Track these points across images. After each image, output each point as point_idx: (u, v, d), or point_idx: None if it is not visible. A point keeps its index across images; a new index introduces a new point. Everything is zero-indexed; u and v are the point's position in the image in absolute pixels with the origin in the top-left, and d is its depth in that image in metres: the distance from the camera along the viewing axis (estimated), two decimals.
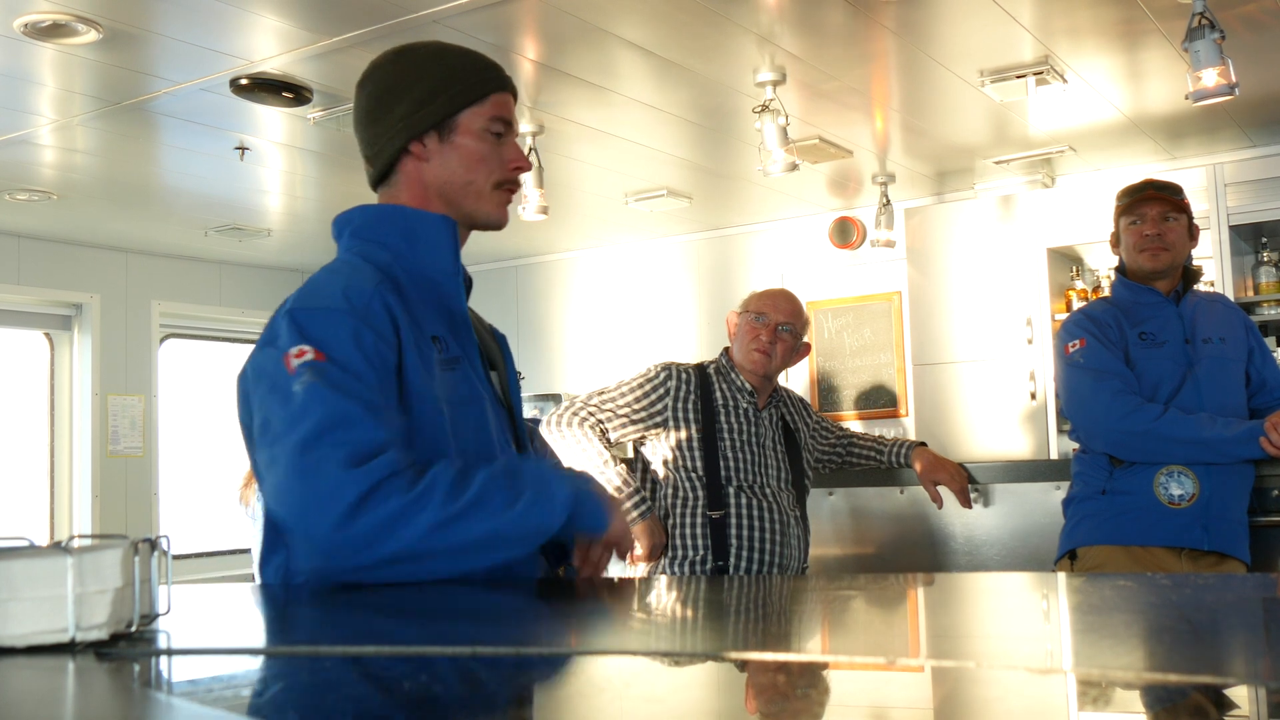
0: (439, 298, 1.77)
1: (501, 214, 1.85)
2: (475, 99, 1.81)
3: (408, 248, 1.77)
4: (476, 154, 1.81)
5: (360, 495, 1.48)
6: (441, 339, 1.73)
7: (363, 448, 1.51)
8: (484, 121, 1.81)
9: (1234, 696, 0.84)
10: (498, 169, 1.82)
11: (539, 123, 5.33)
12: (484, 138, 1.81)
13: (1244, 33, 4.48)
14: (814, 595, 1.57)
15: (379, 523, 1.48)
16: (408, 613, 1.48)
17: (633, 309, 8.33)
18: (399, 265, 1.75)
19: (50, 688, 0.94)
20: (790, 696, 0.89)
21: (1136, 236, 3.25)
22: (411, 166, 1.82)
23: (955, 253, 6.54)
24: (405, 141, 1.81)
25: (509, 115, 1.84)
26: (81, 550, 1.04)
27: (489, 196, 1.83)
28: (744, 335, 3.36)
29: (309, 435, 1.51)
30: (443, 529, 1.50)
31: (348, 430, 1.51)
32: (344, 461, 1.49)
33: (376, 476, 1.49)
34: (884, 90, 5.24)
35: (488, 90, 1.82)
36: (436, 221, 1.79)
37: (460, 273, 1.80)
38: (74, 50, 4.26)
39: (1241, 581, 1.90)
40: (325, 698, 0.94)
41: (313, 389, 1.53)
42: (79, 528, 7.64)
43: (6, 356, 7.77)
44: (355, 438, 1.51)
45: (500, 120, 1.83)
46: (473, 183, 1.81)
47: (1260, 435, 3.00)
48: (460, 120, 1.80)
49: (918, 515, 3.84)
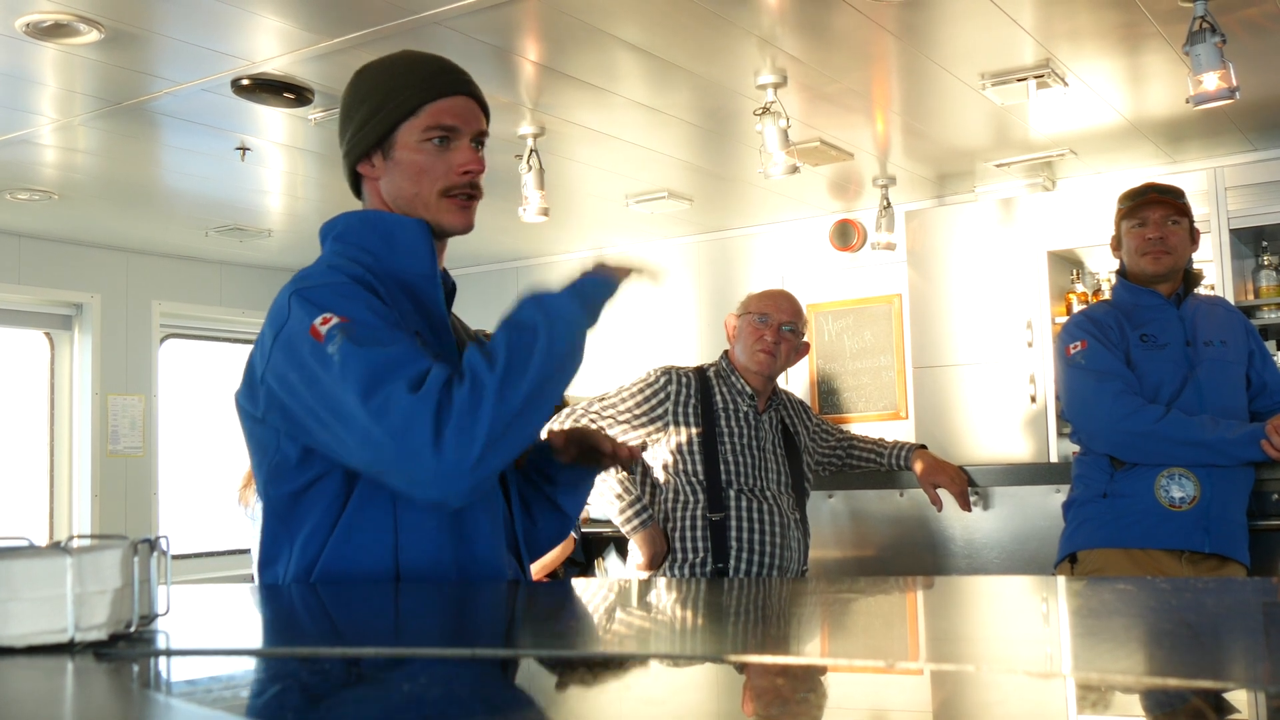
0: (418, 301, 1.79)
1: (458, 219, 1.84)
2: (409, 112, 1.81)
3: (387, 252, 1.80)
4: (415, 166, 1.81)
5: (434, 411, 1.52)
6: (423, 336, 1.74)
7: (413, 374, 1.56)
8: (419, 133, 1.81)
9: (1234, 701, 0.83)
10: (441, 177, 1.81)
11: (540, 124, 5.33)
12: (422, 149, 1.81)
13: (1245, 36, 4.48)
14: (814, 598, 1.57)
15: (458, 426, 1.52)
16: (407, 614, 1.48)
17: (634, 311, 8.32)
18: (378, 269, 1.77)
19: (49, 688, 0.94)
20: (790, 700, 0.89)
21: (1139, 240, 3.25)
22: (370, 185, 1.87)
23: (956, 255, 6.53)
24: (354, 163, 1.87)
25: (450, 121, 1.82)
26: (81, 551, 1.04)
27: (437, 205, 1.82)
28: (747, 337, 3.35)
29: (364, 385, 1.55)
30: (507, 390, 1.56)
31: (392, 369, 1.56)
32: (406, 390, 1.54)
33: (436, 390, 1.54)
34: (885, 93, 5.24)
35: (422, 100, 1.81)
36: (412, 226, 1.81)
37: (437, 275, 1.82)
38: (75, 50, 4.26)
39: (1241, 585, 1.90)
40: (324, 699, 0.94)
41: (347, 347, 1.58)
42: (78, 528, 7.64)
43: (7, 356, 7.77)
44: (403, 372, 1.56)
45: (438, 128, 1.81)
46: (418, 194, 1.82)
47: (1261, 438, 3.00)
48: (397, 136, 1.82)
49: (918, 518, 3.84)
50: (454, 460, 1.51)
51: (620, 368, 7.87)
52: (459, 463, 1.52)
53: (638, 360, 7.66)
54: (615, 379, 3.62)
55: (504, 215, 6.43)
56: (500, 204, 6.36)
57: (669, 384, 3.30)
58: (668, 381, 3.30)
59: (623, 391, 3.31)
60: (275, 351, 1.66)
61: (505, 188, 5.99)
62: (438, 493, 1.54)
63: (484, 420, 1.53)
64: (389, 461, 1.55)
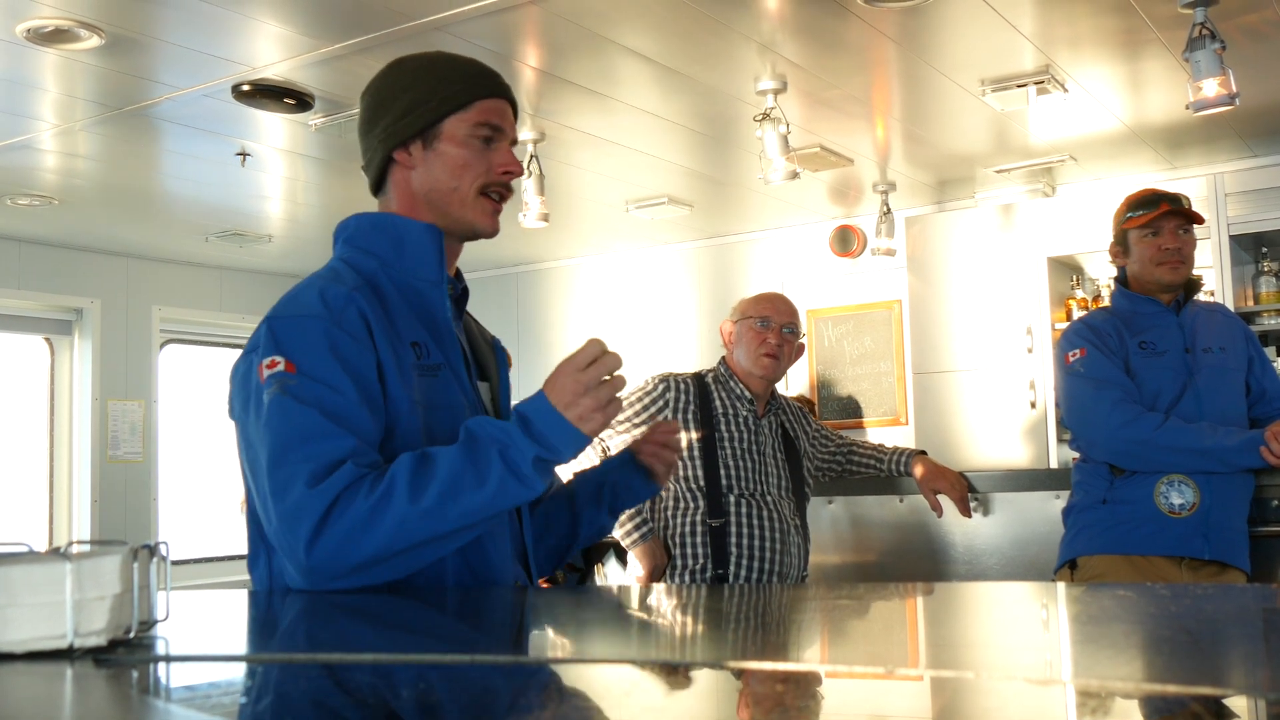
0: (423, 306, 1.77)
1: (489, 222, 1.84)
2: (460, 105, 1.80)
3: (395, 256, 1.79)
4: (460, 160, 1.80)
5: (322, 513, 1.51)
6: (423, 345, 1.73)
7: (323, 460, 1.54)
8: (468, 127, 1.80)
9: (1234, 707, 0.83)
10: (483, 173, 1.81)
11: (540, 130, 5.34)
12: (468, 144, 1.80)
13: (1245, 43, 4.49)
14: (814, 604, 1.57)
15: (344, 535, 1.51)
16: (407, 620, 1.48)
17: (633, 317, 8.32)
18: (385, 273, 1.77)
19: (49, 694, 0.94)
20: (790, 706, 0.89)
21: (1154, 250, 3.24)
22: (400, 175, 1.84)
23: (956, 261, 6.54)
24: (390, 150, 1.83)
25: (498, 121, 1.83)
26: (80, 556, 1.04)
27: (474, 203, 1.82)
28: (749, 341, 3.35)
29: (275, 452, 1.56)
30: (411, 525, 1.52)
31: (307, 445, 1.55)
32: (307, 479, 1.53)
33: (337, 489, 1.52)
34: (885, 99, 5.24)
35: (473, 96, 1.81)
36: (422, 230, 1.79)
37: (443, 282, 1.79)
38: (76, 56, 4.26)
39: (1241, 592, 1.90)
40: (323, 705, 0.94)
41: (276, 401, 1.58)
42: (78, 533, 7.63)
43: (7, 361, 7.77)
44: (316, 451, 1.54)
45: (487, 125, 1.81)
46: (457, 189, 1.81)
47: (1261, 445, 3.00)
48: (444, 127, 1.81)
49: (918, 524, 3.84)
50: (324, 564, 1.51)
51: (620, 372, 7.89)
52: (328, 568, 1.52)
53: (638, 367, 7.67)
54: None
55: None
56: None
57: (667, 391, 3.30)
58: (666, 389, 3.30)
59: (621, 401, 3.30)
60: (237, 364, 1.69)
61: None
62: (302, 581, 1.54)
63: (374, 542, 1.50)
64: (274, 537, 1.56)
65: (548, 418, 1.60)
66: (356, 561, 1.51)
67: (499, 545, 1.75)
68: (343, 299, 1.66)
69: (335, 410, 1.58)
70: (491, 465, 1.55)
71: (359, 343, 1.64)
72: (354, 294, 1.68)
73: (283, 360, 1.60)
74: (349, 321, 1.65)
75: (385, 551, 1.51)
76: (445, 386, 1.74)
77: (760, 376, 3.34)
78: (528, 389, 1.68)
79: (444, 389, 1.73)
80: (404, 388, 1.67)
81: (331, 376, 1.60)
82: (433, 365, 1.73)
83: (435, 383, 1.72)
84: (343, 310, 1.65)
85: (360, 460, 1.55)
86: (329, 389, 1.59)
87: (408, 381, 1.67)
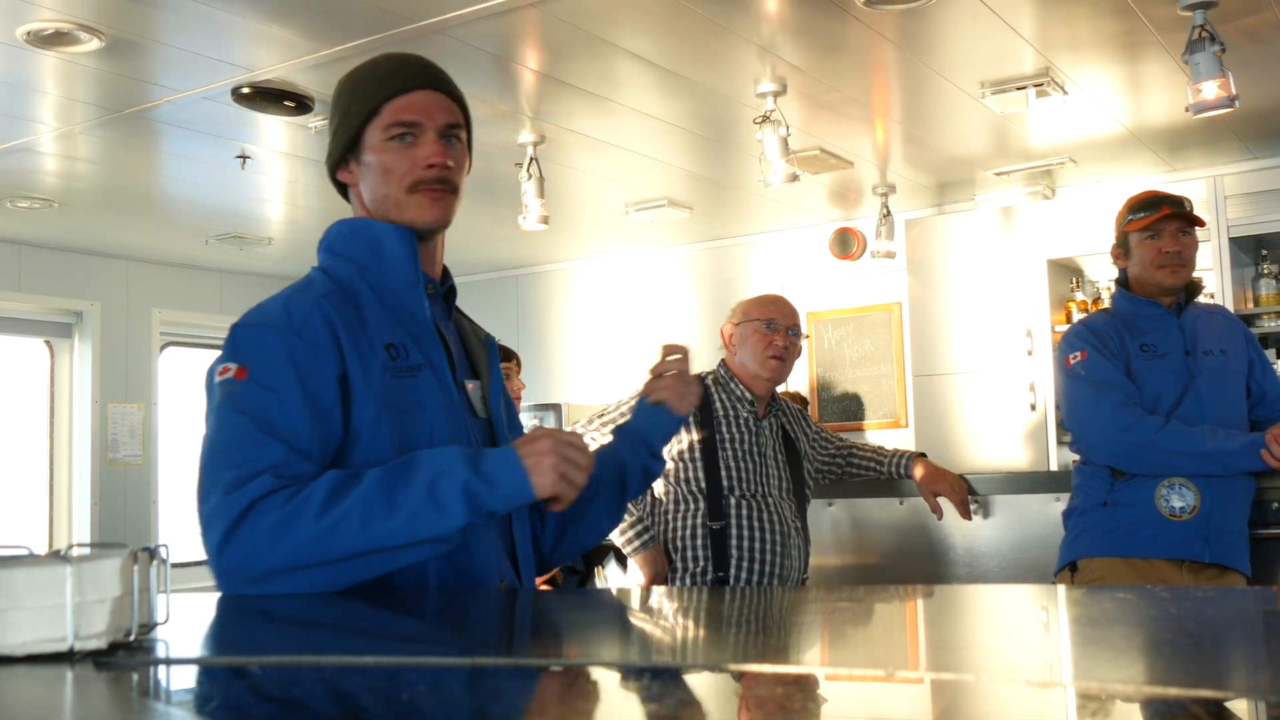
0: (402, 307, 1.78)
1: (428, 214, 1.81)
2: (372, 112, 1.81)
3: (373, 260, 1.80)
4: (382, 166, 1.81)
5: (233, 520, 1.53)
6: (399, 346, 1.73)
7: (245, 469, 1.56)
8: (382, 133, 1.80)
9: (1234, 710, 0.83)
10: (407, 173, 1.80)
11: (540, 132, 5.34)
12: (387, 148, 1.80)
13: (1244, 45, 4.49)
14: (814, 606, 1.57)
15: (252, 544, 1.53)
16: (406, 623, 1.48)
17: (633, 319, 8.33)
18: (363, 277, 1.79)
19: (49, 697, 0.94)
20: (790, 709, 0.89)
21: (1155, 253, 3.24)
22: (353, 192, 1.88)
23: (955, 264, 6.54)
24: (333, 173, 1.88)
25: (411, 116, 1.80)
26: (80, 559, 1.04)
27: (408, 202, 1.80)
28: (755, 344, 3.34)
29: (208, 457, 1.60)
30: (316, 543, 1.52)
31: (233, 454, 1.58)
32: (227, 486, 1.55)
33: (249, 499, 1.54)
34: (884, 101, 5.24)
35: (382, 100, 1.80)
36: (394, 233, 1.80)
37: (419, 282, 1.80)
38: (76, 58, 4.26)
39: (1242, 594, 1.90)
40: (324, 708, 0.94)
41: (219, 410, 1.62)
42: (78, 536, 7.63)
43: (7, 364, 7.77)
44: (241, 459, 1.57)
45: (398, 125, 1.79)
46: (388, 195, 1.81)
47: (1261, 448, 2.99)
48: (365, 138, 1.82)
49: (918, 526, 3.84)
50: (232, 569, 1.54)
51: (620, 374, 7.90)
52: (237, 573, 1.54)
53: (637, 368, 7.67)
54: (614, 385, 3.62)
55: (504, 223, 6.44)
56: (500, 212, 6.37)
57: None
58: None
59: (621, 406, 3.30)
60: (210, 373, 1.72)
61: (505, 196, 5.99)
62: (220, 587, 1.57)
63: (280, 554, 1.52)
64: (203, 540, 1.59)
65: (503, 455, 1.60)
66: (263, 570, 1.53)
67: (485, 546, 1.74)
68: (306, 308, 1.69)
69: (271, 420, 1.60)
70: (410, 493, 1.54)
71: (318, 352, 1.66)
72: (320, 302, 1.70)
73: (235, 367, 1.64)
74: (310, 330, 1.67)
75: (291, 564, 1.53)
76: (425, 387, 1.74)
77: (767, 379, 3.34)
78: (528, 395, 1.67)
79: (423, 389, 1.73)
80: (370, 391, 1.67)
81: (279, 384, 1.62)
82: (412, 366, 1.73)
83: (414, 383, 1.73)
84: (305, 319, 1.68)
85: (283, 471, 1.57)
86: (273, 397, 1.61)
87: (374, 385, 1.68)
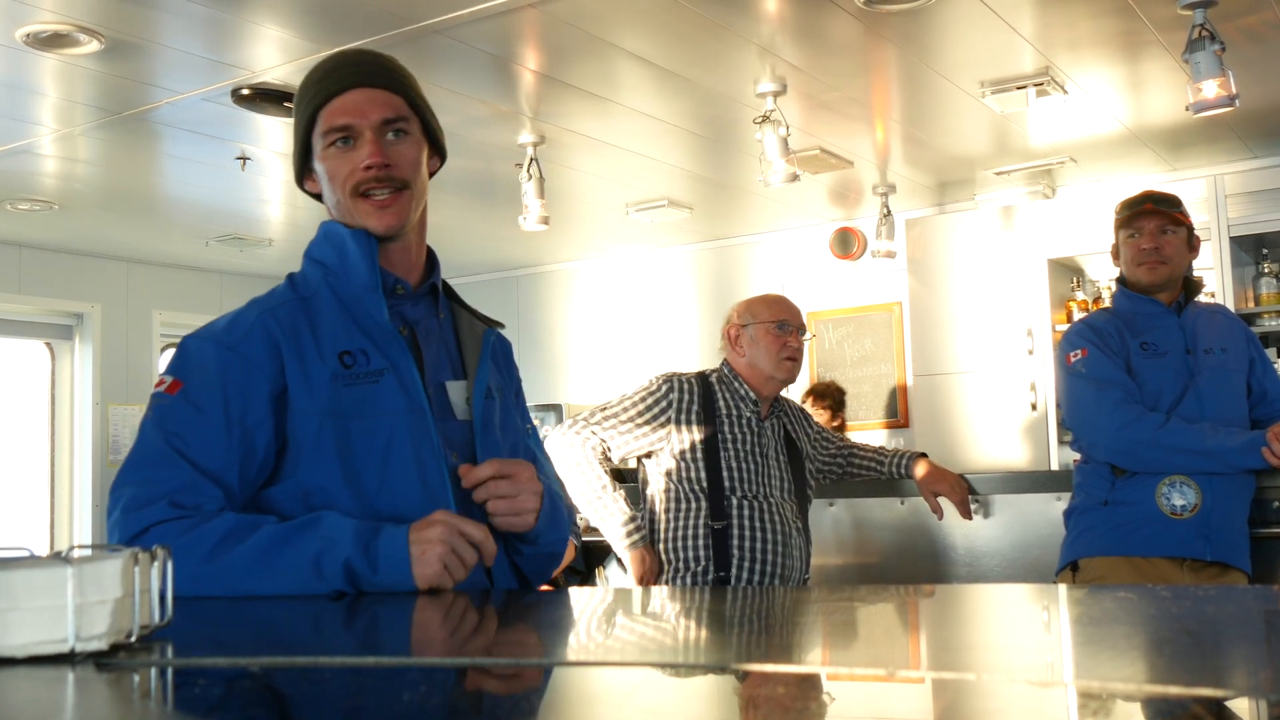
0: (364, 311, 1.77)
1: (375, 220, 1.77)
2: (312, 121, 1.79)
3: (339, 264, 1.81)
4: (328, 173, 1.79)
5: (128, 540, 1.55)
6: (358, 353, 1.72)
7: (145, 490, 1.58)
8: (321, 140, 1.79)
9: (1235, 709, 0.83)
10: (348, 177, 1.77)
11: (540, 133, 5.34)
12: (328, 155, 1.78)
13: (1244, 44, 4.49)
14: (815, 606, 1.57)
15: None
16: (408, 624, 1.48)
17: (634, 319, 8.33)
18: (329, 282, 1.79)
19: (50, 698, 0.94)
20: (791, 708, 0.89)
21: (1134, 250, 3.25)
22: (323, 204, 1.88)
23: (956, 263, 6.54)
24: (301, 186, 1.89)
25: (344, 120, 1.76)
26: (82, 560, 1.04)
27: (356, 207, 1.78)
28: (768, 346, 3.32)
29: (123, 467, 1.63)
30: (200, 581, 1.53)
31: (142, 469, 1.61)
32: (126, 505, 1.58)
33: (143, 524, 1.56)
34: (884, 101, 5.25)
35: (316, 107, 1.78)
36: (351, 238, 1.79)
37: (378, 287, 1.77)
38: (76, 60, 4.27)
39: (1243, 593, 1.90)
40: (324, 709, 0.94)
41: (143, 423, 1.66)
42: (79, 537, 7.64)
43: (8, 366, 7.78)
44: (147, 476, 1.60)
45: (333, 130, 1.76)
46: (339, 202, 1.80)
47: (1262, 445, 3.00)
48: (313, 147, 1.81)
49: (919, 526, 3.84)
50: None
51: (621, 374, 7.90)
52: None
53: (638, 367, 7.69)
54: (616, 385, 3.62)
55: (504, 224, 6.44)
56: (500, 212, 6.38)
57: (671, 391, 3.29)
58: (669, 389, 3.30)
59: (625, 400, 3.30)
60: None
61: (505, 196, 6.00)
62: None
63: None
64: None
65: (394, 538, 1.56)
66: None
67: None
68: (249, 324, 1.71)
69: (186, 438, 1.62)
70: (296, 559, 1.55)
71: (251, 369, 1.67)
72: (263, 317, 1.72)
73: (170, 380, 1.67)
74: (247, 346, 1.69)
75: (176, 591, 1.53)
76: (384, 393, 1.72)
77: (782, 380, 3.34)
78: (528, 395, 1.67)
79: (384, 395, 1.71)
80: (312, 403, 1.67)
81: (205, 401, 1.65)
82: (372, 372, 1.72)
83: (374, 389, 1.71)
84: (245, 335, 1.70)
85: (181, 499, 1.58)
86: (197, 414, 1.64)
87: (319, 396, 1.68)
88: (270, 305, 1.74)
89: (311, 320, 1.73)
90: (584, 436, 3.25)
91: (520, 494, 1.73)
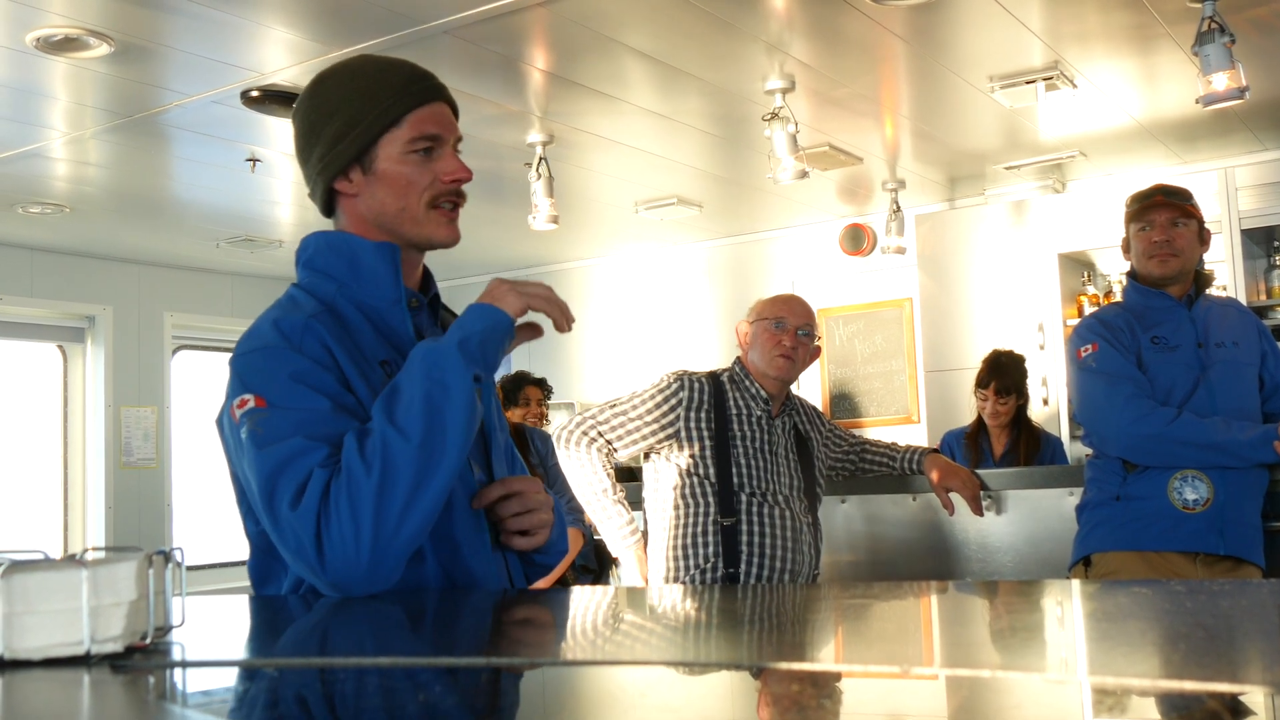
0: (387, 324, 1.74)
1: (447, 233, 1.77)
2: (391, 123, 1.73)
3: (352, 277, 1.75)
4: (402, 179, 1.73)
5: (313, 532, 1.50)
6: (392, 363, 1.70)
7: (299, 481, 1.53)
8: (404, 144, 1.73)
9: (1250, 703, 0.83)
10: (429, 186, 1.74)
11: (549, 132, 5.34)
12: (407, 160, 1.73)
13: (1254, 36, 4.47)
14: (827, 603, 1.57)
15: (342, 535, 1.50)
16: (421, 624, 1.49)
17: (645, 317, 8.33)
18: (344, 296, 1.73)
19: (66, 700, 0.95)
20: (805, 705, 0.89)
21: (1145, 243, 3.24)
22: (346, 203, 1.79)
23: (966, 259, 6.53)
24: (330, 182, 1.78)
25: (435, 130, 1.74)
26: (96, 563, 1.04)
27: (426, 218, 1.75)
28: (764, 343, 3.34)
29: (263, 487, 1.55)
30: (385, 494, 1.51)
31: (283, 472, 1.54)
32: (291, 503, 1.53)
33: (314, 504, 1.51)
34: (894, 97, 5.24)
35: (404, 110, 1.74)
36: (374, 250, 1.74)
37: (402, 300, 1.75)
38: (86, 64, 4.28)
39: (1257, 587, 1.89)
40: (339, 710, 0.94)
41: (252, 438, 1.57)
42: (92, 540, 7.66)
43: (20, 369, 7.80)
44: (290, 481, 1.54)
45: (423, 138, 1.73)
46: (405, 208, 1.74)
47: (1275, 439, 2.99)
48: (379, 149, 1.74)
49: (930, 522, 3.83)
50: (342, 571, 1.50)
51: (633, 373, 7.89)
52: (348, 572, 1.50)
53: (650, 365, 7.69)
54: (628, 383, 3.63)
55: (513, 223, 6.44)
56: (510, 212, 6.38)
57: (681, 389, 3.30)
58: (680, 387, 3.30)
59: (635, 398, 3.31)
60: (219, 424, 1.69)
61: (515, 195, 6.00)
62: (341, 594, 1.54)
63: (366, 530, 1.49)
64: (293, 565, 1.57)
65: (470, 309, 1.65)
66: (369, 553, 1.49)
67: (478, 552, 1.72)
68: (299, 327, 1.65)
69: (309, 430, 1.57)
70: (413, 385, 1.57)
71: (322, 366, 1.62)
72: (311, 321, 1.65)
73: (252, 397, 1.60)
74: (309, 347, 1.63)
75: (386, 530, 1.50)
76: None
77: (775, 377, 3.34)
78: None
79: None
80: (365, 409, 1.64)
81: (300, 400, 1.59)
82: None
83: None
84: (301, 337, 1.64)
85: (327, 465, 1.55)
86: (300, 413, 1.58)
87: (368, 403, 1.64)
88: (309, 312, 1.68)
89: (347, 330, 1.69)
90: (591, 437, 3.27)
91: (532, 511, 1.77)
